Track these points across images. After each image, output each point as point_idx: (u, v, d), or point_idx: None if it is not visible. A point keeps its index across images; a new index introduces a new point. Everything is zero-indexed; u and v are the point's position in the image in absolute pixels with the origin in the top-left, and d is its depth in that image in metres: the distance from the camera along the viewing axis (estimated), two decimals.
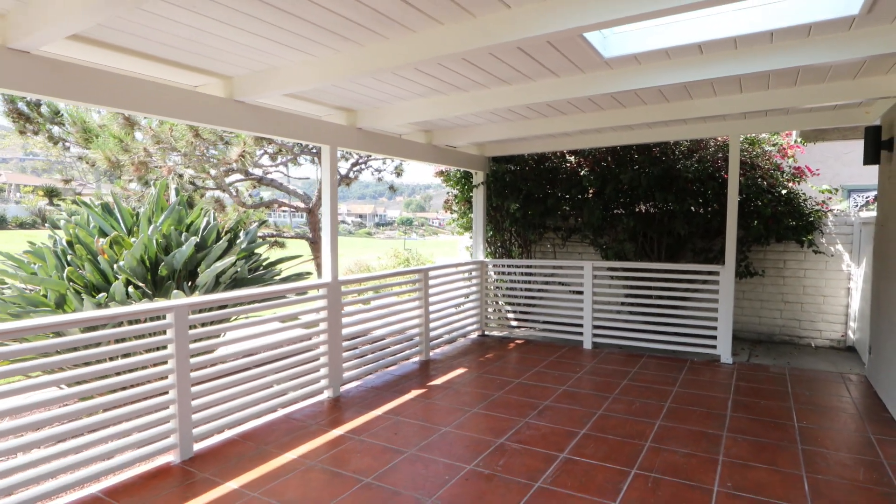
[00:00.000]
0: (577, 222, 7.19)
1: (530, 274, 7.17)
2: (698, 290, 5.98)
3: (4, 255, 4.85)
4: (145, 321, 3.82)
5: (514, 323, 7.07)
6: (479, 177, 7.01)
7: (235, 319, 4.79)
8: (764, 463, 3.28)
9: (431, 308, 5.89)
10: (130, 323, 4.02)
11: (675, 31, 3.11)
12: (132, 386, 3.22)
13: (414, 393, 4.69)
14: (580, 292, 6.43)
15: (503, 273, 7.22)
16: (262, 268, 5.39)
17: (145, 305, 3.24)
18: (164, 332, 3.33)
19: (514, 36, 2.56)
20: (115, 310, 3.13)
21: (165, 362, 3.33)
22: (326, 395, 4.57)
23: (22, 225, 42.67)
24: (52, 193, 51.43)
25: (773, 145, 6.51)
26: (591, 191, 6.90)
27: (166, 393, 3.34)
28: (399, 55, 2.96)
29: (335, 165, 4.53)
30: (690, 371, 5.28)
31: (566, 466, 3.25)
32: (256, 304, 4.35)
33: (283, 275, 5.80)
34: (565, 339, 6.63)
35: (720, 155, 6.32)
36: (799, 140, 6.67)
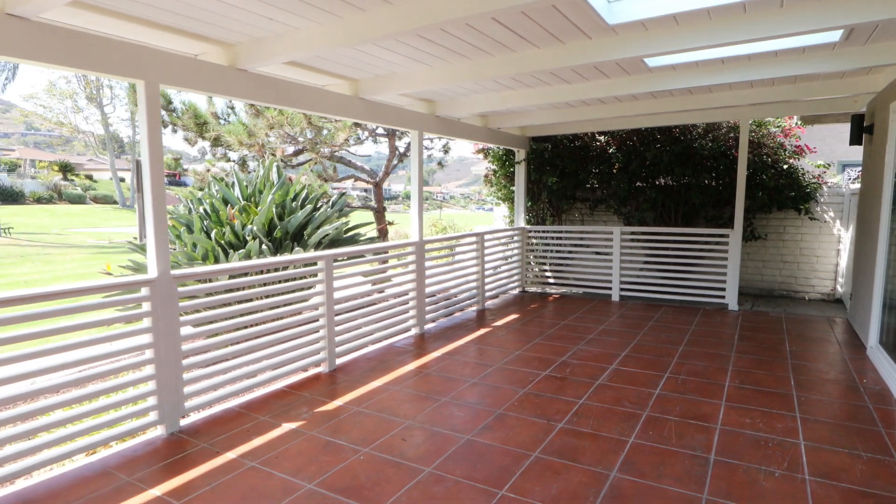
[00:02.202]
0: (604, 194, 8.24)
1: (564, 238, 8.25)
2: (711, 250, 7.08)
3: None
4: (299, 267, 4.94)
5: (551, 280, 8.20)
6: (520, 154, 8.05)
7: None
8: (762, 370, 4.44)
9: (485, 266, 7.01)
10: (276, 270, 5.14)
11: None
12: (290, 316, 4.36)
13: (483, 331, 5.85)
14: (608, 254, 7.53)
15: (541, 237, 8.31)
16: (347, 231, 6.48)
17: (305, 255, 4.37)
18: (317, 275, 4.46)
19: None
20: (285, 257, 4.26)
21: (311, 304, 4.47)
22: (414, 332, 5.73)
23: (39, 199, 43.70)
24: (65, 168, 52.29)
25: (777, 126, 7.52)
26: (616, 166, 7.94)
27: (317, 321, 4.49)
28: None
29: (421, 146, 5.60)
30: (704, 315, 6.43)
31: (616, 373, 4.41)
32: (353, 259, 5.45)
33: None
34: (595, 294, 7.77)
35: (731, 135, 7.35)
36: (799, 122, 7.67)
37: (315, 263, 4.46)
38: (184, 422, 3.51)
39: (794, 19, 3.23)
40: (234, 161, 8.23)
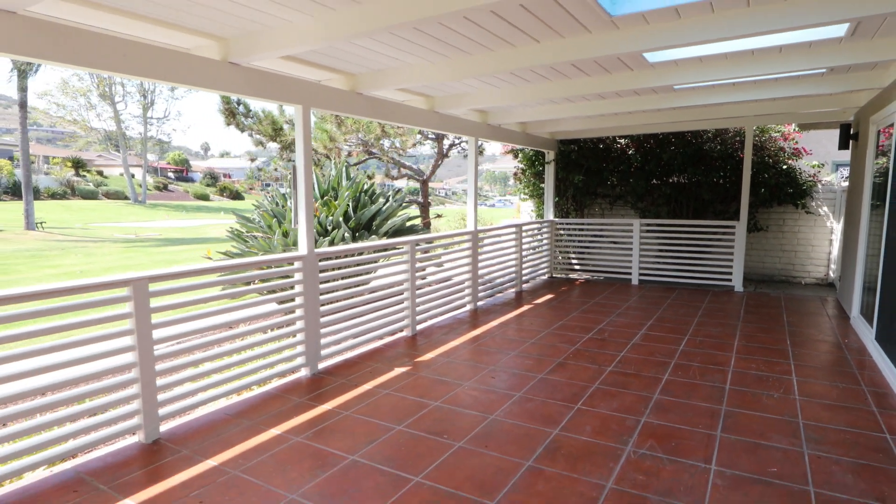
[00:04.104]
0: (622, 190, 9.26)
1: (587, 230, 9.27)
2: (719, 240, 8.10)
3: (239, 214, 6.99)
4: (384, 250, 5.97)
5: (576, 267, 9.23)
6: (550, 155, 9.06)
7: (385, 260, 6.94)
8: (763, 334, 5.48)
9: (522, 253, 8.04)
10: (360, 254, 6.16)
11: None
12: (381, 288, 5.39)
13: (526, 307, 6.88)
14: (628, 243, 8.55)
15: (567, 229, 9.32)
16: (407, 223, 7.50)
17: (395, 240, 5.40)
18: (405, 257, 5.49)
19: None
20: (379, 242, 5.29)
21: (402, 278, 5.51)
22: (469, 307, 6.76)
23: (53, 195, 44.62)
24: (78, 164, 53.09)
25: (778, 132, 8.54)
26: (635, 166, 8.96)
27: (403, 294, 5.52)
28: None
29: (477, 150, 6.62)
30: (713, 296, 7.47)
31: (645, 336, 5.45)
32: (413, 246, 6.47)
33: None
34: (616, 278, 8.81)
35: (737, 139, 8.37)
36: (797, 128, 8.69)
37: (400, 248, 5.49)
38: (321, 365, 4.54)
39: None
40: (292, 160, 9.26)
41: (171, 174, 65.02)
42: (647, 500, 2.60)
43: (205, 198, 54.40)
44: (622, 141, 9.29)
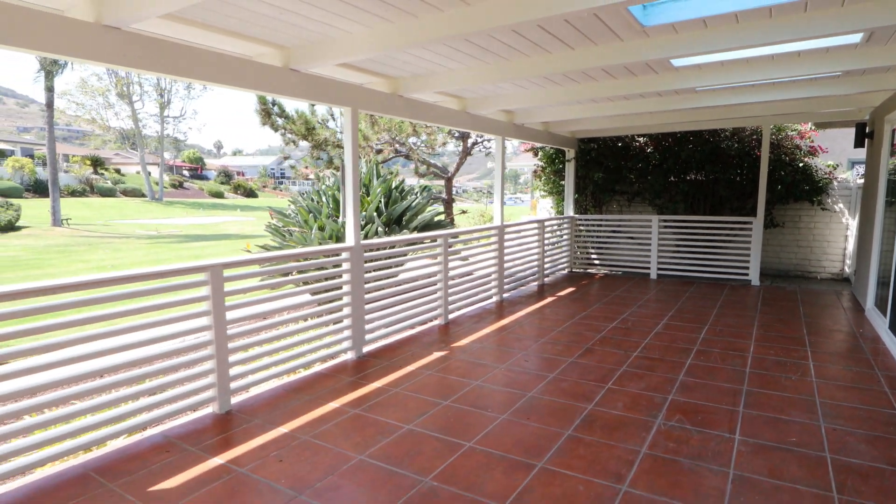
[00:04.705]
0: (640, 187, 9.52)
1: (605, 226, 9.53)
2: (736, 235, 8.34)
3: (277, 210, 7.35)
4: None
5: (596, 262, 9.51)
6: (571, 153, 9.34)
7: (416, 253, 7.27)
8: (781, 324, 5.74)
9: (544, 248, 8.33)
10: (392, 247, 6.49)
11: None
12: (412, 280, 5.71)
13: (549, 299, 7.18)
14: (647, 239, 8.81)
15: (587, 225, 9.59)
16: (434, 218, 7.83)
17: (431, 233, 5.72)
18: (438, 250, 5.81)
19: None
20: (418, 235, 5.61)
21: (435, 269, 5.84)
22: (495, 299, 7.07)
23: (73, 192, 45.45)
24: (97, 163, 53.98)
25: (794, 130, 8.75)
26: (653, 164, 9.21)
27: (436, 284, 5.84)
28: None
29: (504, 149, 6.93)
30: (730, 289, 7.72)
31: (666, 325, 5.73)
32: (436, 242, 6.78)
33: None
34: (635, 273, 9.07)
35: (754, 137, 8.59)
36: (813, 127, 8.89)
37: (434, 240, 5.82)
38: (364, 349, 4.88)
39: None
40: (322, 159, 9.62)
41: (185, 172, 65.87)
42: (679, 462, 2.90)
43: (219, 195, 55.10)
44: (641, 139, 9.53)
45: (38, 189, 39.90)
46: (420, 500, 2.57)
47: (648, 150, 9.34)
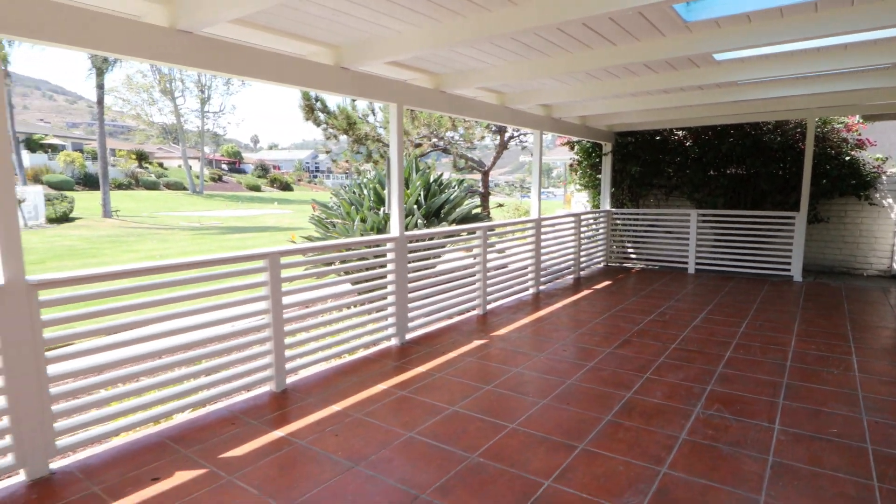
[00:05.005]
0: (678, 181, 9.43)
1: (643, 220, 9.49)
2: (778, 230, 8.21)
3: (320, 203, 7.62)
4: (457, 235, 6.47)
5: (632, 256, 9.49)
6: (607, 147, 9.33)
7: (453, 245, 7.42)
8: (824, 319, 5.68)
9: (580, 241, 8.38)
10: (430, 238, 6.66)
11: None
12: (452, 271, 5.87)
13: (585, 291, 7.24)
14: (684, 233, 8.75)
15: (623, 219, 9.57)
16: (472, 211, 7.98)
17: (471, 225, 5.86)
18: (476, 241, 5.96)
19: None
20: (458, 227, 5.77)
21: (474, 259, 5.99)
22: (532, 291, 7.18)
23: (119, 186, 47.25)
24: (141, 157, 55.93)
25: (841, 123, 8.53)
26: (692, 157, 9.12)
27: (474, 275, 5.99)
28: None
29: (541, 144, 7.01)
30: (771, 285, 7.62)
31: (705, 319, 5.74)
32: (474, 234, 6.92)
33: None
34: (672, 267, 9.03)
35: (798, 130, 8.42)
36: (860, 120, 8.64)
37: (474, 232, 5.97)
38: (407, 336, 5.07)
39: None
40: (361, 153, 9.88)
41: (224, 166, 67.67)
42: (718, 448, 2.99)
43: (256, 188, 56.43)
44: (680, 133, 9.44)
45: (88, 182, 41.61)
46: (468, 474, 2.74)
47: (687, 143, 9.25)
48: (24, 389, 2.62)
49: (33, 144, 48.02)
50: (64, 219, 23.68)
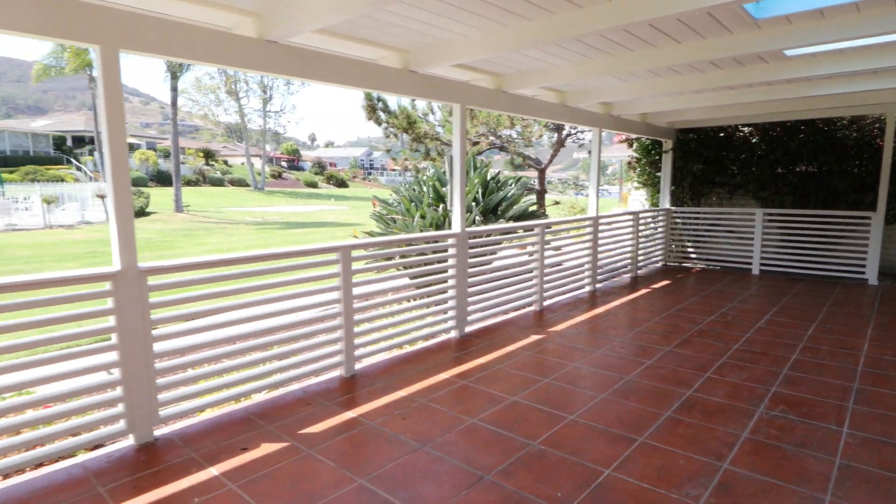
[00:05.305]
0: (743, 179, 9.13)
1: (704, 219, 9.25)
2: (852, 231, 7.83)
3: (381, 201, 7.91)
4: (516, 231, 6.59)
5: (692, 256, 9.29)
6: (668, 144, 9.16)
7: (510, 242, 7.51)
8: None
9: (638, 240, 8.29)
10: (487, 235, 6.81)
11: None
12: (511, 267, 5.98)
13: (643, 290, 7.18)
14: (749, 232, 8.48)
15: (683, 218, 9.37)
16: (529, 208, 8.06)
17: (530, 222, 5.96)
18: (534, 238, 6.05)
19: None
20: (517, 224, 5.88)
21: (533, 255, 6.08)
22: (588, 289, 7.19)
23: (188, 182, 49.83)
24: (208, 154, 58.76)
25: None
26: (758, 154, 8.81)
27: (532, 272, 6.08)
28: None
29: (600, 141, 7.00)
30: (843, 287, 7.30)
31: (770, 322, 5.60)
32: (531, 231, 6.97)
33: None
34: (735, 268, 8.77)
35: (876, 126, 7.99)
36: None
37: (531, 230, 6.06)
38: (466, 329, 5.24)
39: None
40: (420, 151, 10.14)
41: (284, 163, 70.17)
42: (782, 448, 2.98)
43: (313, 185, 58.19)
44: (745, 129, 9.15)
45: (160, 179, 44.18)
46: (530, 459, 2.87)
47: (753, 140, 8.95)
48: (135, 363, 2.97)
49: None
50: (140, 213, 25.31)
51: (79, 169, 39.34)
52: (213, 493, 2.58)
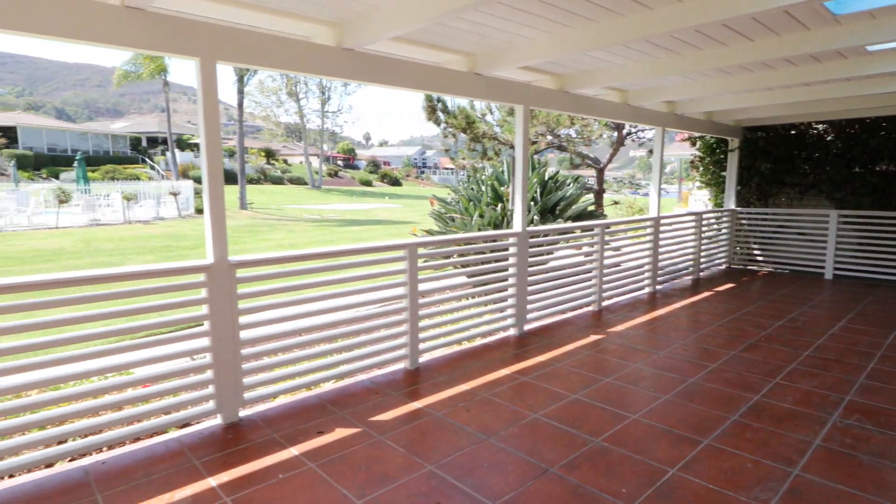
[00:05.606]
0: (816, 179, 8.70)
1: (772, 220, 8.88)
2: None
3: (440, 200, 8.07)
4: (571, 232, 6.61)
5: (758, 258, 8.95)
6: (734, 143, 8.86)
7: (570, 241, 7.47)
8: None
9: (701, 241, 8.07)
10: (544, 234, 6.84)
11: None
12: (570, 267, 5.99)
13: (706, 293, 7.01)
14: (822, 235, 8.08)
15: (749, 219, 9.04)
16: (588, 208, 8.02)
17: (589, 222, 5.96)
18: (594, 238, 6.04)
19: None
20: (577, 224, 5.88)
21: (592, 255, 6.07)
22: (647, 290, 7.08)
23: (251, 181, 51.87)
24: (269, 154, 61.01)
25: None
26: (833, 153, 8.38)
27: (591, 272, 6.07)
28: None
29: (663, 140, 6.88)
30: None
31: (844, 328, 5.36)
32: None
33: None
34: (805, 272, 8.39)
35: None
36: None
37: (592, 230, 6.05)
38: (525, 327, 5.32)
39: None
40: (477, 151, 10.27)
41: (340, 162, 71.98)
42: (857, 457, 2.90)
43: (368, 183, 59.40)
44: (819, 126, 8.71)
45: (225, 177, 46.22)
46: (594, 455, 2.93)
47: (828, 137, 8.52)
48: (224, 349, 3.23)
49: (182, 144, 54.20)
50: None
51: (152, 168, 41.87)
52: (296, 471, 2.79)
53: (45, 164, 39.25)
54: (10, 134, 41.60)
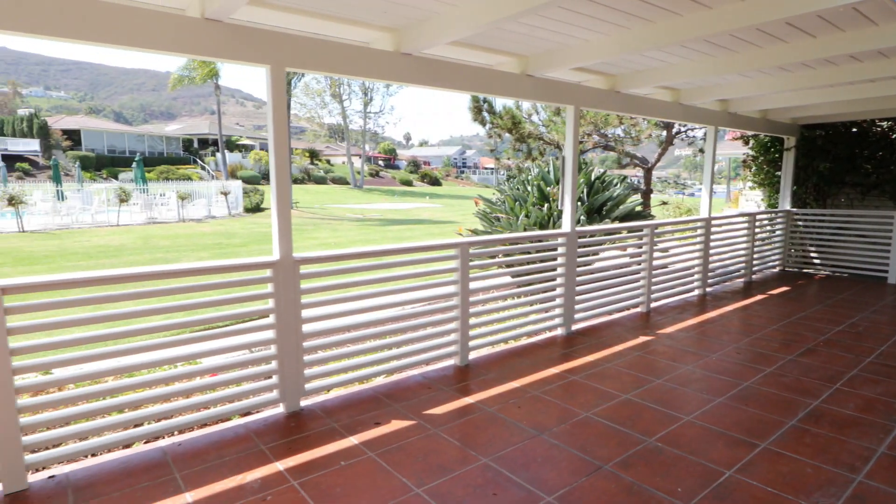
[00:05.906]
0: (879, 179, 8.31)
1: (831, 222, 8.54)
2: None
3: (485, 199, 8.14)
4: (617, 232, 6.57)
5: (815, 261, 8.63)
6: (790, 141, 8.57)
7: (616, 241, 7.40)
8: None
9: (750, 244, 7.85)
10: (591, 235, 6.82)
11: None
12: (618, 267, 5.95)
13: (759, 296, 6.82)
14: (886, 238, 7.72)
15: (805, 220, 8.72)
16: (635, 208, 7.93)
17: (638, 223, 5.91)
18: (642, 238, 5.98)
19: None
20: (626, 224, 5.84)
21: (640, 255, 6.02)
22: (697, 292, 6.95)
23: (295, 180, 53.16)
24: (313, 154, 62.35)
25: None
26: None
27: (639, 273, 6.01)
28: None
29: (715, 139, 6.75)
30: None
31: None
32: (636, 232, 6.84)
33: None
34: (866, 276, 8.04)
35: None
36: None
37: (641, 230, 6.00)
38: (573, 327, 5.33)
39: None
40: (522, 151, 10.30)
41: (381, 162, 72.95)
42: None
43: (408, 183, 59.98)
44: (884, 124, 8.32)
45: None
46: (647, 454, 2.95)
47: (893, 136, 8.13)
48: (288, 342, 3.40)
49: (231, 145, 56.12)
50: (256, 209, 27.61)
51: (203, 168, 43.54)
52: (356, 459, 2.92)
53: (105, 164, 41.47)
54: (74, 136, 44.13)
